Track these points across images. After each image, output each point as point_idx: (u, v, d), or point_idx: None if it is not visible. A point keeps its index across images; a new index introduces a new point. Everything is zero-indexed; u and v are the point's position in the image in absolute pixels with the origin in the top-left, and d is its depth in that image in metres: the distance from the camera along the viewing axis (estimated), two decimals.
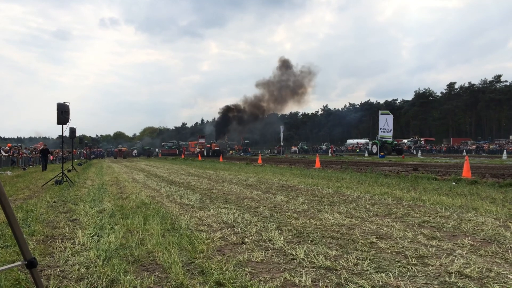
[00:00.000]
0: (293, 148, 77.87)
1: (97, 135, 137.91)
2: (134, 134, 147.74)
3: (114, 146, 77.50)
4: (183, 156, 49.09)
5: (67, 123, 12.57)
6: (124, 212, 6.16)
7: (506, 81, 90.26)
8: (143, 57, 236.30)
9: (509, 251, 3.64)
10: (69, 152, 29.09)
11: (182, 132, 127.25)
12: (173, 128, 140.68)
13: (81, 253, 3.83)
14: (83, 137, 44.48)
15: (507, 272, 3.04)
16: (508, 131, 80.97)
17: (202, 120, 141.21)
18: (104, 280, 3.02)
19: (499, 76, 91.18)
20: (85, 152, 52.28)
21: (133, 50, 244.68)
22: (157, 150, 77.73)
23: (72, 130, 20.81)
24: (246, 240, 4.26)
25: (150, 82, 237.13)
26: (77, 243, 4.22)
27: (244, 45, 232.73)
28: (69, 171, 19.48)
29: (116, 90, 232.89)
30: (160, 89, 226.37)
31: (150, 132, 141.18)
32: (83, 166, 27.98)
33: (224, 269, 3.20)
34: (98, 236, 4.54)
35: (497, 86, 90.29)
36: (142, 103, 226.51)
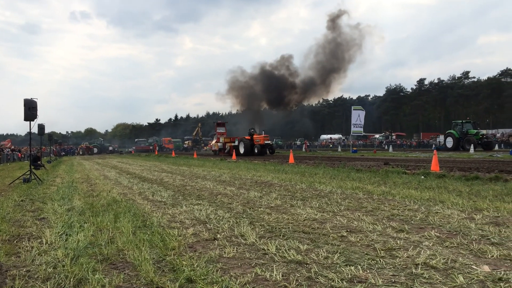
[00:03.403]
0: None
1: (67, 132, 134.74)
2: (106, 130, 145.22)
3: (90, 143, 75.61)
4: (156, 153, 48.55)
5: (35, 120, 12.23)
6: (94, 210, 6.05)
7: (474, 77, 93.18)
8: (115, 51, 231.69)
9: (474, 242, 3.76)
10: (38, 150, 28.29)
11: (156, 128, 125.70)
12: (147, 124, 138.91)
13: (49, 252, 3.75)
14: (52, 134, 43.38)
15: (471, 263, 3.15)
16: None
17: (176, 116, 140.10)
18: (71, 279, 2.97)
19: (467, 72, 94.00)
20: (54, 149, 51.04)
21: (104, 44, 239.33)
22: (116, 147, 74.60)
23: (41, 127, 20.25)
24: (218, 236, 4.26)
25: (122, 77, 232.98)
26: (44, 242, 4.13)
27: (219, 40, 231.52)
28: (38, 167, 18.97)
29: (87, 85, 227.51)
30: (133, 85, 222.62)
31: (123, 128, 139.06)
32: (52, 164, 27.31)
33: (195, 266, 3.20)
34: (66, 234, 4.45)
35: (465, 82, 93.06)
36: (115, 99, 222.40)
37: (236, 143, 34.70)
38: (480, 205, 5.71)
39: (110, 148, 69.54)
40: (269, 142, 33.87)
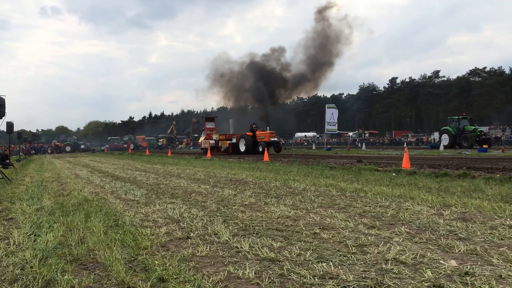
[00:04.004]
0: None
1: (37, 130, 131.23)
2: (78, 128, 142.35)
3: (63, 141, 73.61)
4: (130, 151, 47.86)
5: (3, 117, 11.86)
6: (65, 210, 5.92)
7: (444, 76, 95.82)
8: (87, 48, 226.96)
9: (442, 237, 3.86)
10: (7, 148, 27.46)
11: (129, 126, 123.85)
12: (120, 122, 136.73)
13: (16, 253, 3.65)
14: (22, 132, 42.19)
15: (439, 258, 3.23)
16: (445, 124, 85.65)
17: (150, 114, 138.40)
18: (40, 280, 2.90)
19: (438, 71, 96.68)
20: (24, 147, 49.68)
21: (76, 40, 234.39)
22: (89, 145, 72.51)
23: (9, 125, 19.60)
24: (192, 234, 4.24)
25: (95, 74, 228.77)
26: (12, 243, 4.01)
27: (194, 38, 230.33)
28: (6, 166, 18.41)
29: (58, 82, 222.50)
30: (106, 82, 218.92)
31: (95, 126, 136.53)
32: (22, 162, 26.56)
33: (167, 265, 3.17)
34: (35, 235, 4.33)
35: (435, 81, 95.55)
36: (87, 96, 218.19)
37: (234, 140, 31.79)
38: (449, 201, 5.86)
39: (82, 146, 67.92)
40: (275, 139, 30.89)
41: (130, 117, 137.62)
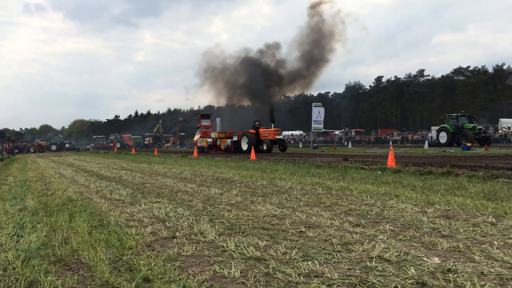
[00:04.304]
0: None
1: (21, 129, 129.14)
2: (63, 127, 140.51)
3: (48, 140, 72.31)
4: (115, 150, 47.43)
5: None
6: (48, 210, 5.85)
7: (429, 75, 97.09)
8: (72, 45, 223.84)
9: (425, 235, 3.91)
10: None
11: (115, 125, 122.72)
12: (106, 121, 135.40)
13: None
14: (5, 131, 41.50)
15: (423, 255, 3.27)
16: (429, 123, 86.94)
17: (137, 113, 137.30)
18: (22, 282, 2.86)
19: (422, 70, 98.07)
20: (7, 147, 48.86)
21: (60, 38, 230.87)
22: (74, 144, 71.08)
23: None
24: (177, 234, 4.22)
25: (79, 72, 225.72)
26: None
27: (181, 36, 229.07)
28: None
29: (42, 80, 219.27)
30: (91, 80, 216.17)
31: (80, 125, 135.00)
32: (5, 162, 26.14)
33: (152, 265, 3.15)
34: (18, 236, 4.27)
35: (420, 80, 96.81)
36: (72, 95, 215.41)
37: (235, 138, 30.18)
38: (433, 199, 5.94)
39: (67, 145, 66.99)
40: (281, 137, 29.12)
41: (116, 116, 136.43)
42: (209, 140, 32.11)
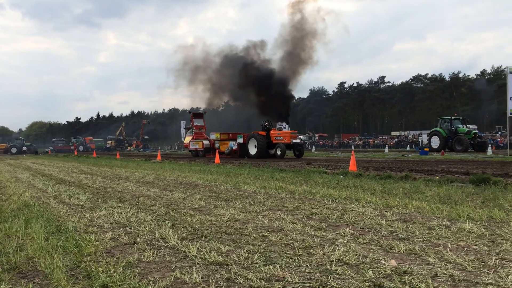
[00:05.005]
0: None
1: None
2: (20, 129, 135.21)
3: (8, 142, 69.01)
4: (76, 153, 46.09)
5: None
6: (3, 215, 5.62)
7: (389, 82, 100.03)
8: (31, 45, 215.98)
9: (384, 238, 4.02)
10: None
11: (76, 127, 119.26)
12: (66, 123, 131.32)
13: None
14: None
15: (380, 258, 3.36)
16: (390, 128, 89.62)
17: (98, 115, 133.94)
18: None
19: (383, 77, 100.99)
20: None
21: (19, 37, 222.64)
22: (33, 146, 67.92)
23: None
24: (138, 239, 4.15)
25: (39, 73, 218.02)
26: None
27: (145, 37, 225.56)
28: None
29: None
30: (51, 81, 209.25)
31: (39, 127, 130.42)
32: None
33: (112, 272, 3.09)
34: None
35: (381, 86, 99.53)
36: (29, 95, 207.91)
37: (239, 140, 26.30)
38: (391, 202, 6.11)
39: (24, 148, 64.31)
40: (298, 140, 25.03)
41: (77, 118, 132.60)
42: (206, 142, 28.44)
